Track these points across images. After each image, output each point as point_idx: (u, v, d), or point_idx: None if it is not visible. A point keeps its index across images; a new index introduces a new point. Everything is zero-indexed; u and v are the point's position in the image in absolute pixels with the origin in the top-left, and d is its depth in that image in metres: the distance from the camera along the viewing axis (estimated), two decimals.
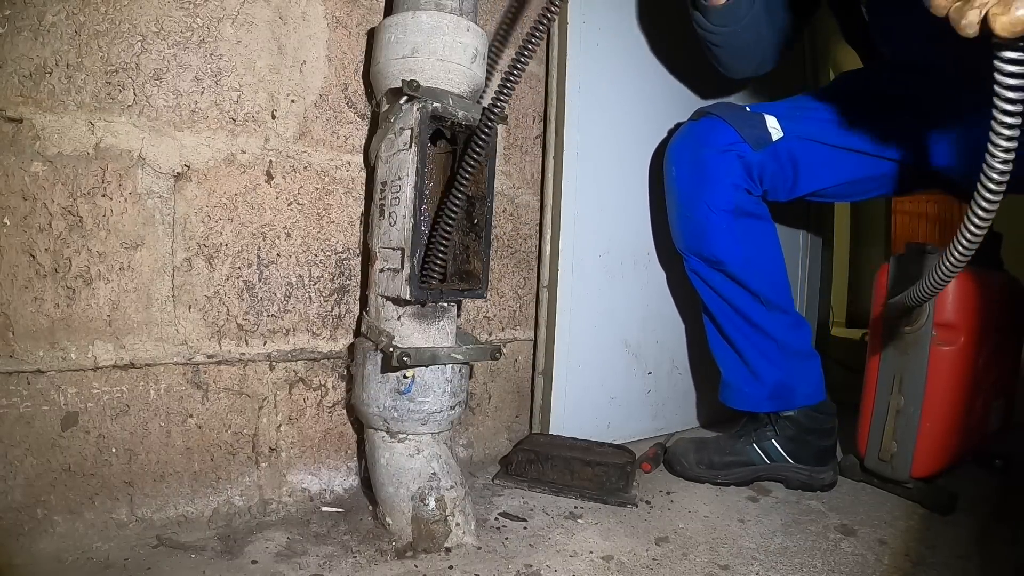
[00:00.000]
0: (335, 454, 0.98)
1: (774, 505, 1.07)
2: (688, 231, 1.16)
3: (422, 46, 0.81)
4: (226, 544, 0.80)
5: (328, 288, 0.96)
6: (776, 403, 1.15)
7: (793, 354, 1.15)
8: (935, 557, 0.89)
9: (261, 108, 0.88)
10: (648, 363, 1.40)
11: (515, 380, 1.25)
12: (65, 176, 0.74)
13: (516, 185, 1.21)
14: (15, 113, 0.71)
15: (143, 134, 0.79)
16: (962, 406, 1.09)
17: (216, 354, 0.86)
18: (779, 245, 1.18)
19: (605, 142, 1.27)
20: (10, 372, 0.72)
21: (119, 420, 0.79)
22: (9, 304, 0.72)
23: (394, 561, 0.80)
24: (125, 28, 0.76)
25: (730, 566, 0.84)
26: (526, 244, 1.24)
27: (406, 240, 0.79)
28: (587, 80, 1.23)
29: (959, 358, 1.07)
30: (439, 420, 0.86)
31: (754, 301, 1.13)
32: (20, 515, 0.72)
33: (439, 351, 0.84)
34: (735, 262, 1.11)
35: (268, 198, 0.89)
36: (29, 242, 0.72)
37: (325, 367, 0.96)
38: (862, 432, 1.17)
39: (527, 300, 1.26)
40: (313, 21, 0.92)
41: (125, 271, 0.79)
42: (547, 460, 1.07)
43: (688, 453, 1.17)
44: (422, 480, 0.84)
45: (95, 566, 0.72)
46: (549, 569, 0.80)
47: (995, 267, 1.25)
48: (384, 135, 0.85)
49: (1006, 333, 1.19)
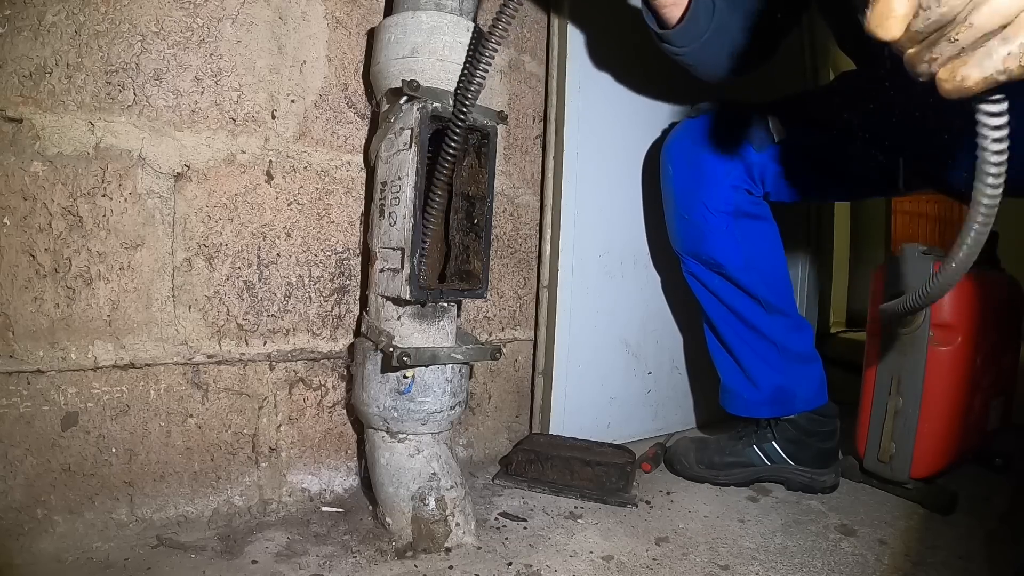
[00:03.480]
0: (335, 454, 0.98)
1: (774, 505, 1.08)
2: (685, 233, 1.14)
3: (422, 46, 0.81)
4: (226, 544, 0.80)
5: (328, 288, 0.96)
6: (776, 409, 1.14)
7: (794, 358, 1.15)
8: (935, 557, 0.89)
9: (261, 108, 0.88)
10: (648, 363, 1.40)
11: (515, 380, 1.25)
12: (65, 176, 0.74)
13: (516, 185, 1.21)
14: (15, 113, 0.71)
15: (143, 134, 0.79)
16: (960, 406, 1.09)
17: (216, 354, 0.86)
18: (781, 246, 1.16)
19: (605, 142, 1.27)
20: (10, 372, 0.72)
21: (119, 420, 0.79)
22: (9, 304, 0.72)
23: (394, 561, 0.80)
24: (125, 28, 0.76)
25: (730, 566, 0.84)
26: (526, 244, 1.24)
27: (406, 240, 0.79)
28: (587, 80, 1.23)
29: (957, 358, 1.07)
30: (439, 420, 0.86)
31: (754, 304, 1.12)
32: (20, 515, 0.72)
33: (439, 351, 0.84)
34: (734, 264, 1.10)
35: (268, 198, 0.89)
36: (29, 242, 0.72)
37: (325, 367, 0.97)
38: (861, 433, 1.17)
39: (527, 300, 1.26)
40: (313, 21, 0.92)
41: (125, 271, 0.79)
42: (547, 460, 1.07)
43: (689, 453, 1.17)
44: (422, 480, 0.84)
45: (95, 566, 0.73)
46: (549, 569, 0.80)
47: (992, 267, 1.25)
48: (384, 135, 0.85)
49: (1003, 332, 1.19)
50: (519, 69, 1.19)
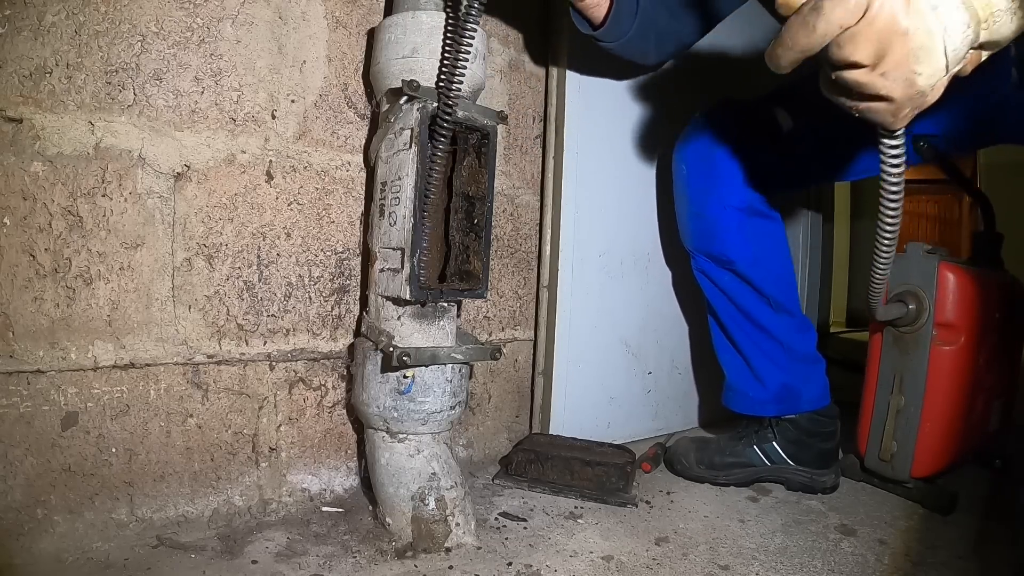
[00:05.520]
0: (335, 454, 0.98)
1: (774, 505, 1.07)
2: (698, 229, 1.15)
3: (422, 46, 0.81)
4: (226, 544, 0.80)
5: (328, 288, 0.96)
6: (781, 407, 1.14)
7: (799, 358, 1.15)
8: (935, 557, 0.89)
9: (261, 108, 0.88)
10: (648, 363, 1.40)
11: (515, 380, 1.25)
12: (65, 176, 0.74)
13: (516, 185, 1.21)
14: (15, 113, 0.71)
15: (143, 134, 0.79)
16: (962, 406, 1.09)
17: (216, 354, 0.86)
18: (788, 247, 1.17)
19: (605, 142, 1.27)
20: (10, 372, 0.72)
21: (119, 420, 0.79)
22: (9, 304, 0.72)
23: (394, 561, 0.80)
24: (125, 28, 0.76)
25: (730, 566, 0.84)
26: (526, 244, 1.24)
27: (406, 240, 0.79)
28: (587, 80, 1.23)
29: (959, 358, 1.07)
30: (439, 420, 0.86)
31: (762, 302, 1.13)
32: (20, 515, 0.72)
33: (439, 351, 0.84)
34: (745, 261, 1.10)
35: (268, 198, 0.89)
36: (29, 242, 0.72)
37: (325, 367, 0.96)
38: (862, 432, 1.17)
39: (527, 300, 1.26)
40: (313, 21, 0.92)
41: (125, 271, 0.79)
42: (547, 460, 1.07)
43: (689, 453, 1.17)
44: (422, 480, 0.84)
45: (95, 566, 0.73)
46: (549, 569, 0.80)
47: (995, 267, 1.25)
48: (384, 135, 0.85)
49: (1006, 333, 1.19)
50: (519, 69, 1.19)
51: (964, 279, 1.06)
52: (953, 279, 1.06)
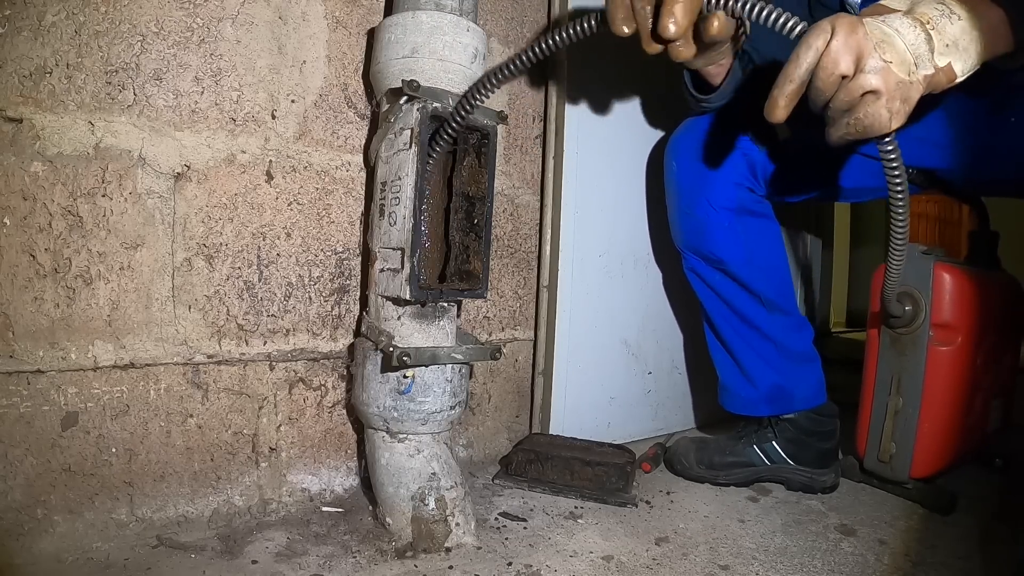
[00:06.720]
0: (335, 454, 0.98)
1: (774, 505, 1.08)
2: (688, 228, 1.14)
3: (422, 46, 0.81)
4: (226, 544, 0.80)
5: (328, 288, 0.96)
6: (773, 407, 1.14)
7: (792, 357, 1.15)
8: (935, 557, 0.89)
9: (261, 108, 0.88)
10: (648, 363, 1.40)
11: (515, 380, 1.25)
12: (65, 176, 0.74)
13: (516, 185, 1.21)
14: (15, 113, 0.71)
15: (143, 134, 0.79)
16: (961, 406, 1.09)
17: (216, 354, 0.86)
18: (783, 245, 1.17)
19: (605, 142, 1.27)
20: (10, 372, 0.72)
21: (119, 420, 0.79)
22: (9, 304, 0.72)
23: (394, 561, 0.80)
24: (125, 28, 0.76)
25: (730, 566, 0.84)
26: (526, 244, 1.24)
27: (406, 240, 0.79)
28: (587, 80, 1.23)
29: (957, 358, 1.07)
30: (439, 420, 0.86)
31: (754, 301, 1.12)
32: (20, 515, 0.72)
33: (439, 351, 0.84)
34: (736, 261, 1.10)
35: (268, 198, 0.89)
36: (29, 242, 0.72)
37: (325, 367, 0.97)
38: (861, 433, 1.17)
39: (527, 300, 1.26)
40: (313, 21, 0.92)
41: (125, 271, 0.79)
42: (547, 460, 1.07)
43: (689, 453, 1.17)
44: (422, 480, 0.84)
45: (95, 566, 0.73)
46: (549, 569, 0.80)
47: (992, 267, 1.25)
48: (384, 135, 0.85)
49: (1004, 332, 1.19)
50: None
51: (960, 279, 1.06)
52: (949, 279, 1.06)
